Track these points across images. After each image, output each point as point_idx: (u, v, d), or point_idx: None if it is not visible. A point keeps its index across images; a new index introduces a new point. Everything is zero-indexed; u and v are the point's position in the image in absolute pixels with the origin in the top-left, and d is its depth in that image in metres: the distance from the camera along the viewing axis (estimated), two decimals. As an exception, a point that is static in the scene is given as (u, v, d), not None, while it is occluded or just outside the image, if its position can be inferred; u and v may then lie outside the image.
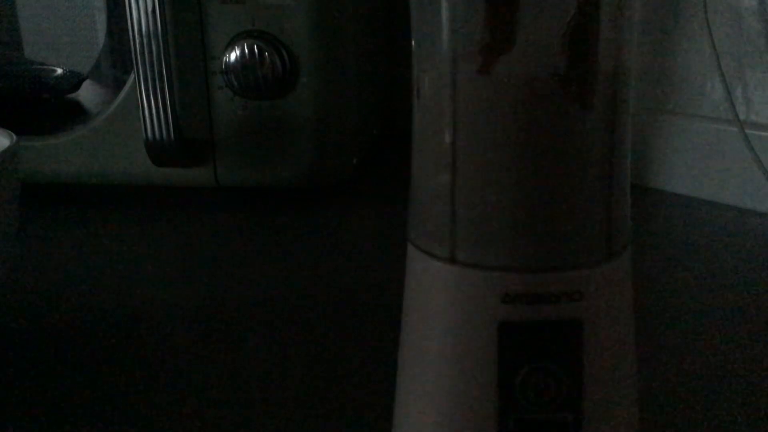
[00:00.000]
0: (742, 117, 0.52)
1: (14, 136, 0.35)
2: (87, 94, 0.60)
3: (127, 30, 0.47)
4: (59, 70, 0.60)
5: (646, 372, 0.33)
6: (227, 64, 0.48)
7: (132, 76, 0.49)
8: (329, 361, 0.34)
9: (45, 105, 0.59)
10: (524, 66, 0.17)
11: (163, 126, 0.49)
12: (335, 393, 0.32)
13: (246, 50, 0.48)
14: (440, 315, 0.18)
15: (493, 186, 0.17)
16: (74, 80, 0.60)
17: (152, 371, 0.34)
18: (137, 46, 0.47)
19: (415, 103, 0.19)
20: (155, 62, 0.48)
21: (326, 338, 0.36)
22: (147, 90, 0.48)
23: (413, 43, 0.18)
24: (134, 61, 0.48)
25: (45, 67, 0.60)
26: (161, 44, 0.47)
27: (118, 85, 0.53)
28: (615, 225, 0.18)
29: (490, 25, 0.16)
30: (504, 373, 0.18)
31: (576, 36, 0.16)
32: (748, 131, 0.51)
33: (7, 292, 0.41)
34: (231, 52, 0.48)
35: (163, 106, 0.49)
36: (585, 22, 0.16)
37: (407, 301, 0.20)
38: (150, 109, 0.49)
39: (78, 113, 0.57)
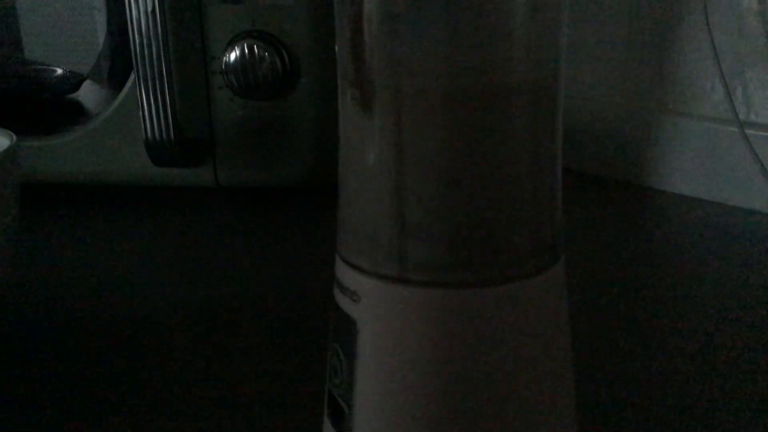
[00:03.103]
0: (742, 117, 0.52)
1: (14, 136, 0.35)
2: (87, 94, 0.60)
3: (127, 30, 0.47)
4: (59, 70, 0.60)
5: (645, 372, 0.33)
6: (227, 64, 0.48)
7: (132, 76, 0.49)
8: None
9: (45, 105, 0.59)
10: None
11: (163, 126, 0.49)
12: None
13: (246, 50, 0.48)
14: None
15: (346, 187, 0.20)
16: (74, 80, 0.60)
17: (151, 371, 0.34)
18: (137, 46, 0.47)
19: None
20: (155, 62, 0.48)
21: (326, 338, 0.36)
22: (147, 90, 0.48)
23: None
24: (134, 61, 0.48)
25: (45, 67, 0.60)
26: (161, 44, 0.47)
27: (118, 85, 0.53)
28: (409, 248, 0.18)
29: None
30: (329, 345, 0.21)
31: (354, 48, 0.18)
32: (748, 131, 0.51)
33: (7, 292, 0.41)
34: (231, 52, 0.48)
35: (163, 106, 0.49)
36: (355, 35, 0.18)
37: None
38: (150, 109, 0.49)
39: (78, 113, 0.57)
